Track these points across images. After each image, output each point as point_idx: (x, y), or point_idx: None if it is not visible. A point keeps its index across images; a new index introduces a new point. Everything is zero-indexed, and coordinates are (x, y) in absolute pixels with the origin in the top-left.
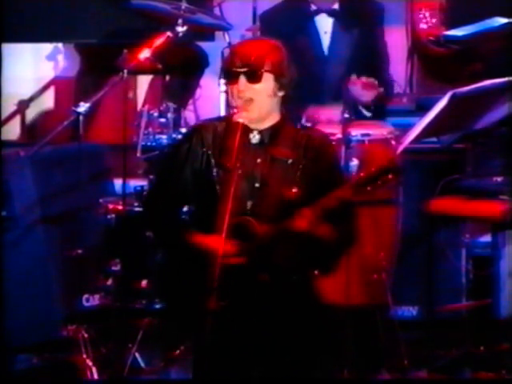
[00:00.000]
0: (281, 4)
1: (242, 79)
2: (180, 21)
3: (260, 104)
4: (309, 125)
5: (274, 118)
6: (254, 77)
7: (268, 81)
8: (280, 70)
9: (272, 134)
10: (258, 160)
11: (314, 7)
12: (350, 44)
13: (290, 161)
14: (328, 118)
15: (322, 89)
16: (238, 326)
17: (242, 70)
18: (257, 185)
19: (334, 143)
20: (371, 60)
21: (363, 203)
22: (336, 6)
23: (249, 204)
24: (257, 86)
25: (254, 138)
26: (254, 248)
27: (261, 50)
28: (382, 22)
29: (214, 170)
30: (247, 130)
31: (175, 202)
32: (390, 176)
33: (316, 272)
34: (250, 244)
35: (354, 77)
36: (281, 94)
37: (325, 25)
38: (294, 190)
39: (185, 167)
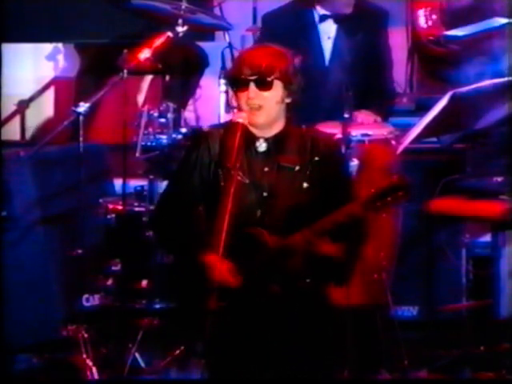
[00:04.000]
0: (284, 7)
1: (252, 87)
2: (180, 21)
3: (268, 110)
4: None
5: (279, 125)
6: (264, 84)
7: (277, 88)
8: (288, 77)
9: (278, 142)
10: (266, 169)
11: (321, 12)
12: (353, 49)
13: (297, 168)
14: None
15: (323, 93)
16: (245, 329)
17: (252, 77)
18: (265, 194)
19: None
20: (373, 65)
21: None
22: (349, 11)
23: (258, 213)
24: (266, 94)
25: (261, 146)
26: (264, 259)
27: (270, 58)
28: (386, 26)
29: (222, 179)
30: (253, 139)
31: (185, 210)
32: (400, 193)
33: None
34: (261, 255)
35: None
36: (288, 100)
37: (328, 30)
38: (302, 197)
39: (193, 175)
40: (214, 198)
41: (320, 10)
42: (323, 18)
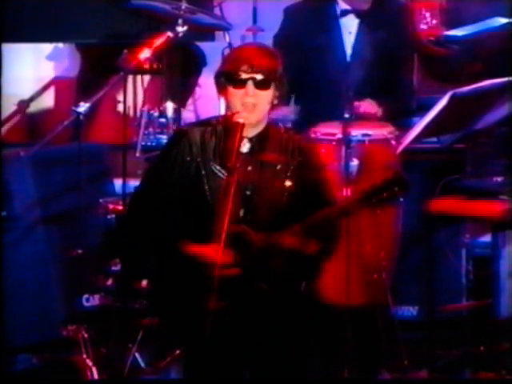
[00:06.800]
0: (306, 0)
1: (250, 86)
2: (180, 21)
3: (261, 110)
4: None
5: (262, 125)
6: (263, 84)
7: (272, 88)
8: (280, 78)
9: (261, 141)
10: (249, 168)
11: (342, 7)
12: (374, 45)
13: (279, 166)
14: (365, 111)
15: (342, 88)
16: (235, 329)
17: (252, 76)
18: (248, 192)
19: (333, 143)
20: (394, 61)
21: None
22: (367, 7)
23: (241, 212)
24: (263, 93)
25: (245, 146)
26: (250, 257)
27: (269, 58)
28: (407, 21)
29: (205, 178)
30: None
31: (161, 207)
32: (396, 189)
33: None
34: (247, 253)
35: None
36: (275, 102)
37: (350, 25)
38: (284, 195)
39: (173, 173)
40: (194, 196)
41: (341, 4)
42: (344, 13)
